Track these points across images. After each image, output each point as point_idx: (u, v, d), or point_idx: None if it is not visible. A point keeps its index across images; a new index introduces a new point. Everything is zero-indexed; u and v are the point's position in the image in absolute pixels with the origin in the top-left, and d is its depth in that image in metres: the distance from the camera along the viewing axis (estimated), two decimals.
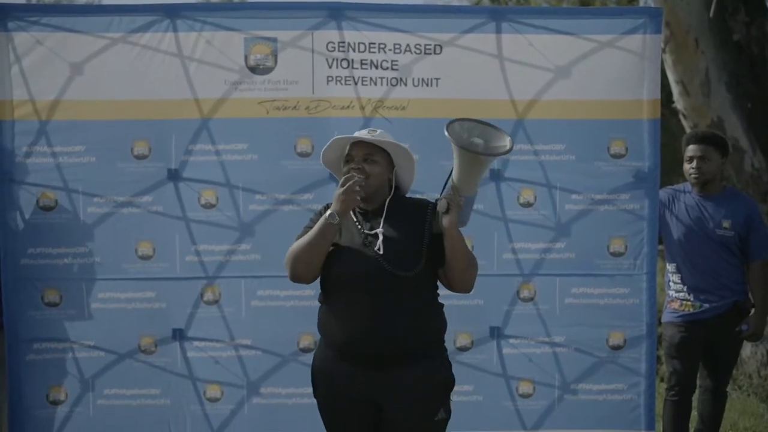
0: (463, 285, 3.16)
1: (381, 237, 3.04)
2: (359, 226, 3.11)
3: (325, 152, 3.25)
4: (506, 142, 2.99)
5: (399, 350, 3.03)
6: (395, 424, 3.09)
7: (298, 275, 3.11)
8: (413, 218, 3.11)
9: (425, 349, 3.10)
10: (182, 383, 4.16)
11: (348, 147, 3.18)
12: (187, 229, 4.12)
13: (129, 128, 4.08)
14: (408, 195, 3.28)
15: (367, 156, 3.12)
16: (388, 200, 3.13)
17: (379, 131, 3.18)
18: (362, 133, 3.16)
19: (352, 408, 3.12)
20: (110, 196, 4.09)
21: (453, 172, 3.02)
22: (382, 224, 3.08)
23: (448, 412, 3.16)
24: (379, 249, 3.02)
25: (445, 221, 3.00)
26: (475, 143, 3.00)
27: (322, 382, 3.17)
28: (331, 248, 3.09)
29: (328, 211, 3.03)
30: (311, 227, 3.11)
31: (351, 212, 3.11)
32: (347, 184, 3.00)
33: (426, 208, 3.12)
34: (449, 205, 2.99)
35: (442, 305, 3.20)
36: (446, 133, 2.97)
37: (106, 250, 4.12)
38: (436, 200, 3.07)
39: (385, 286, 3.01)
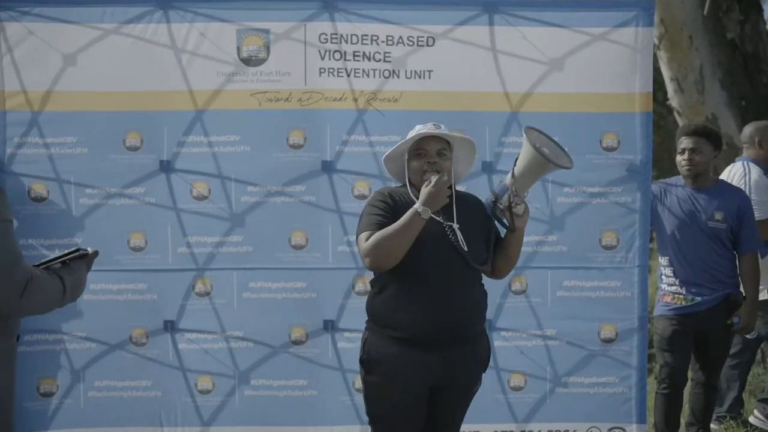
0: (506, 273, 3.44)
1: (458, 231, 3.19)
2: (438, 219, 3.18)
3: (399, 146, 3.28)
4: (568, 163, 3.30)
5: (471, 332, 3.25)
6: (448, 403, 3.27)
7: (383, 264, 3.13)
8: (472, 213, 3.29)
9: (482, 330, 3.34)
10: (173, 375, 4.16)
11: (418, 141, 3.25)
12: (179, 221, 4.12)
13: (121, 119, 4.08)
14: None
15: (440, 151, 3.24)
16: (453, 194, 3.25)
17: (442, 126, 3.28)
18: (441, 129, 3.26)
19: (413, 393, 3.19)
20: (102, 187, 4.09)
21: (516, 172, 3.23)
22: (455, 218, 3.21)
23: (480, 383, 3.39)
24: (462, 243, 3.17)
25: (520, 222, 3.26)
26: (544, 152, 3.24)
27: (381, 368, 3.19)
28: None
29: (418, 206, 3.08)
30: (382, 217, 3.15)
31: None
32: (440, 184, 3.10)
33: (480, 204, 3.35)
34: (525, 209, 3.28)
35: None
36: (524, 134, 3.22)
37: (97, 241, 4.06)
38: (499, 199, 3.26)
39: (461, 274, 3.19)
